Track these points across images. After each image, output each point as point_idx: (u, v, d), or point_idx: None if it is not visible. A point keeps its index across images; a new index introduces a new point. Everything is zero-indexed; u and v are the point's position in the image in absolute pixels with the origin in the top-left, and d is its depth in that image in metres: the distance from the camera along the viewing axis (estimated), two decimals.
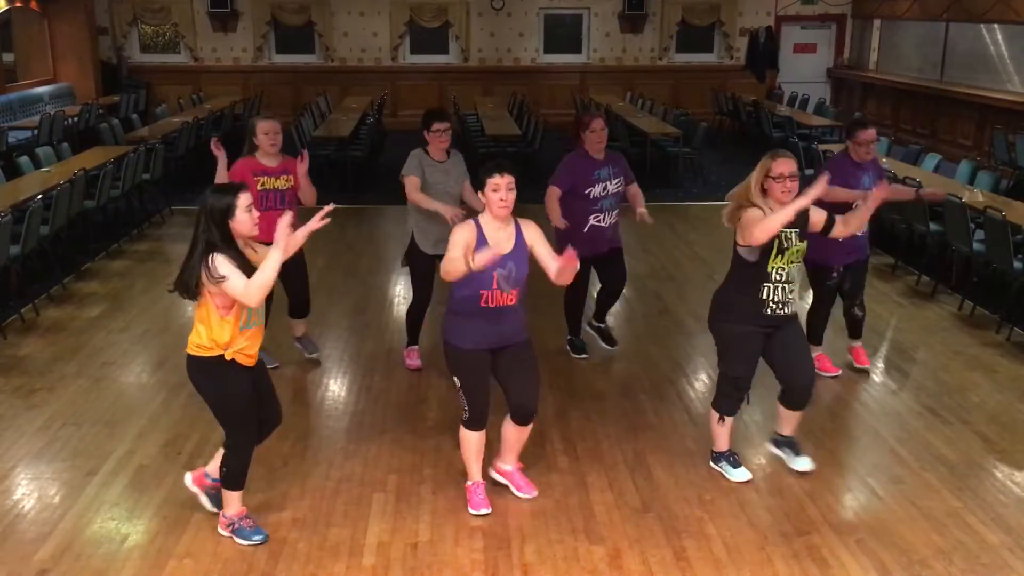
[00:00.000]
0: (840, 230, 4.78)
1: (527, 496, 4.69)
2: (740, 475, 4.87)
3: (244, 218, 3.97)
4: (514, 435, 4.64)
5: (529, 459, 5.09)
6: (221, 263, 3.88)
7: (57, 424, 5.53)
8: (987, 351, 6.76)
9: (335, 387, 6.21)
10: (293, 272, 5.70)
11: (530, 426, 4.62)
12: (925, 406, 5.83)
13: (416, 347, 6.44)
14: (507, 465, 4.77)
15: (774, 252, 4.52)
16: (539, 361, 6.46)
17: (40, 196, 8.12)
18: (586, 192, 6.02)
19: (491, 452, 4.77)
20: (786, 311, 4.64)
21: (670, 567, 4.16)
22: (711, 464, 4.98)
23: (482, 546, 4.31)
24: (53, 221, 8.15)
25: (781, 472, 4.99)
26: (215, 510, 4.46)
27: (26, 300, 7.54)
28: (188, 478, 4.58)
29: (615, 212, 6.17)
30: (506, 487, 4.76)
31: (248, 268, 3.97)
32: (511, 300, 4.36)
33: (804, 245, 4.61)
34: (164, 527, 4.44)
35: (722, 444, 4.94)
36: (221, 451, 4.34)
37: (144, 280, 8.48)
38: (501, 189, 4.24)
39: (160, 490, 4.77)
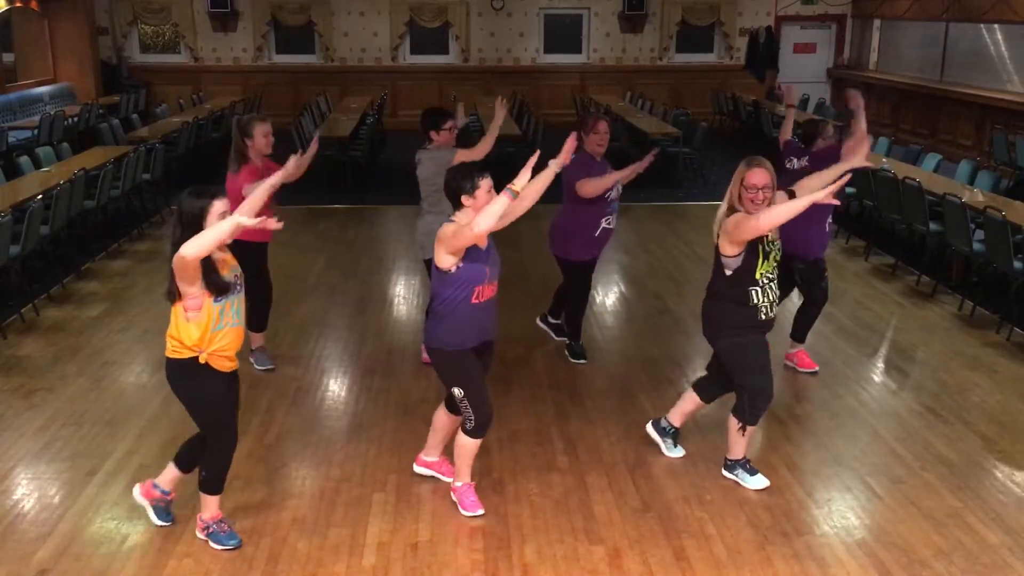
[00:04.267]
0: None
1: (450, 481, 4.68)
2: (758, 482, 4.80)
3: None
4: (449, 426, 4.71)
5: (529, 459, 5.11)
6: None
7: (57, 424, 5.53)
8: (987, 351, 6.76)
9: (335, 387, 6.21)
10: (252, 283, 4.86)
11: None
12: (925, 406, 5.83)
13: None
14: (433, 456, 4.86)
15: (760, 259, 4.51)
16: (538, 361, 6.54)
17: (40, 196, 8.12)
18: (604, 194, 6.01)
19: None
20: (774, 312, 4.66)
21: (670, 567, 4.16)
22: (724, 473, 4.90)
23: (482, 546, 4.31)
24: (53, 221, 8.15)
25: (781, 472, 4.99)
26: (161, 523, 4.41)
27: (26, 300, 7.54)
28: (136, 490, 4.49)
29: (610, 218, 6.13)
30: (496, 487, 4.76)
31: (211, 270, 3.93)
32: (495, 292, 4.43)
33: (779, 243, 4.65)
34: (164, 527, 4.44)
35: (739, 451, 4.86)
36: (171, 464, 4.38)
37: (144, 280, 8.48)
38: (492, 190, 4.29)
39: None
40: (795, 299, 6.52)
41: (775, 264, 4.61)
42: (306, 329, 7.14)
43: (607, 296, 8.05)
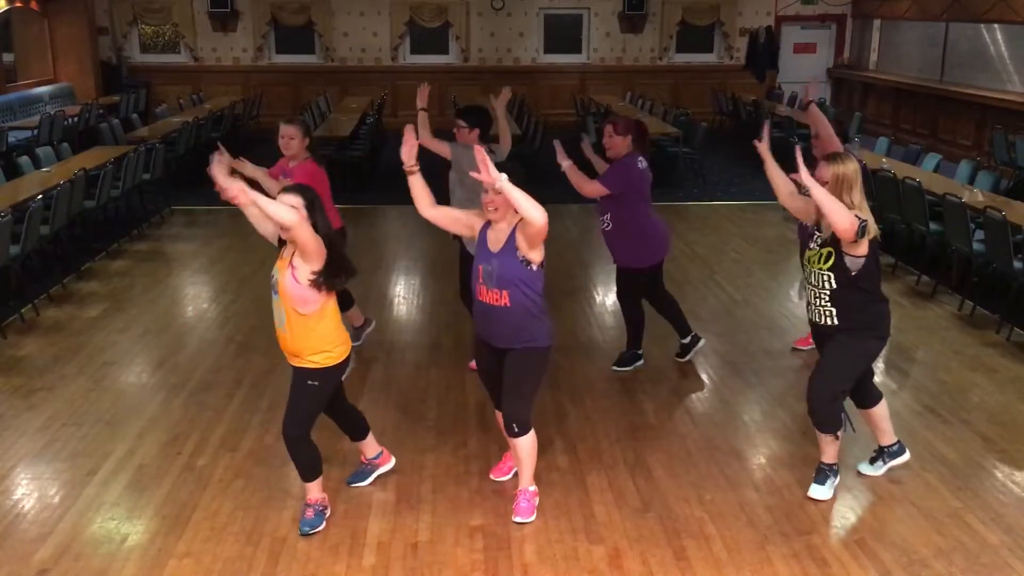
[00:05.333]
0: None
1: (517, 520, 4.49)
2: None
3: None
4: (510, 447, 4.57)
5: None
6: None
7: (57, 424, 5.53)
8: (987, 351, 6.76)
9: None
10: None
11: (519, 441, 4.43)
12: (925, 406, 5.83)
13: None
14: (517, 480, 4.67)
15: (801, 250, 4.59)
16: None
17: (40, 196, 8.12)
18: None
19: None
20: (811, 316, 4.56)
21: (670, 567, 4.16)
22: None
23: (482, 546, 4.31)
24: (53, 221, 8.15)
25: (781, 472, 5.00)
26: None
27: (26, 300, 7.54)
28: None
29: (601, 219, 6.04)
30: (496, 487, 4.77)
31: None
32: (499, 301, 4.23)
33: (825, 252, 4.38)
34: (164, 527, 4.44)
35: (886, 437, 4.89)
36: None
37: (144, 280, 8.48)
38: (490, 191, 4.19)
39: (160, 490, 4.77)
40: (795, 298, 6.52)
41: (815, 272, 4.43)
42: None
43: (607, 296, 8.04)
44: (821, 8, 18.71)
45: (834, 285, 4.41)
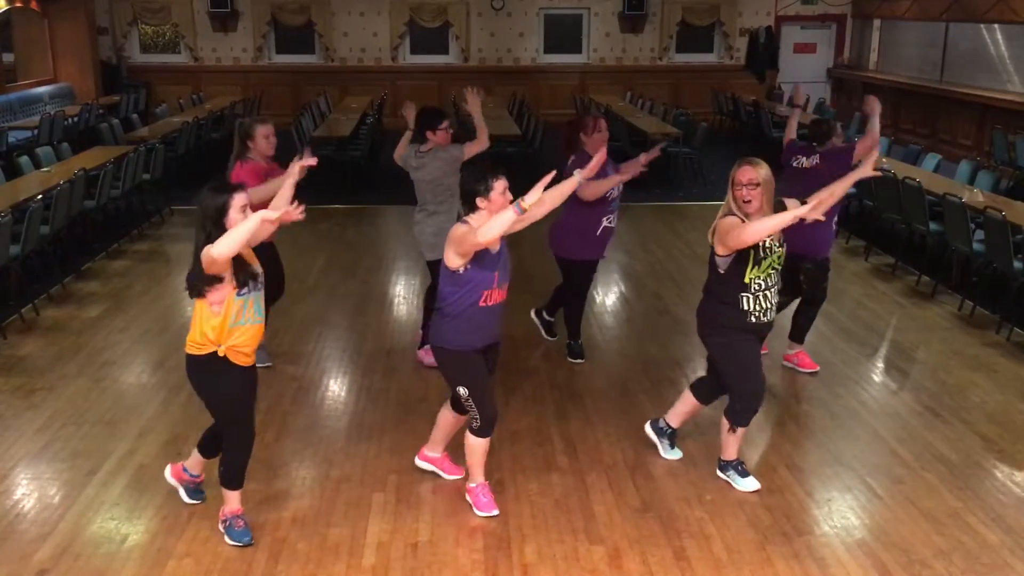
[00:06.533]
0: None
1: (455, 478, 4.82)
2: (748, 484, 4.78)
3: (238, 218, 3.90)
4: (453, 424, 4.77)
5: (529, 459, 5.11)
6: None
7: (57, 424, 5.53)
8: (987, 351, 6.76)
9: (335, 387, 6.21)
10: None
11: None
12: (925, 406, 5.83)
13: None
14: (436, 452, 4.89)
15: (750, 263, 4.49)
16: (538, 361, 6.55)
17: (40, 196, 8.12)
18: (606, 194, 5.99)
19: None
20: (770, 318, 4.62)
21: (670, 567, 4.16)
22: (718, 473, 4.90)
23: (482, 546, 4.31)
24: (53, 221, 8.15)
25: (781, 472, 5.00)
26: (191, 501, 4.60)
27: (26, 300, 7.54)
28: (167, 471, 4.69)
29: (614, 214, 6.16)
30: (496, 487, 4.77)
31: (242, 262, 3.99)
32: (503, 296, 4.40)
33: (783, 250, 4.61)
34: (164, 527, 4.44)
35: (731, 453, 4.85)
36: (196, 450, 4.51)
37: (144, 280, 8.48)
38: (507, 191, 4.26)
39: (160, 490, 4.77)
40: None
41: (773, 271, 4.56)
42: (306, 328, 7.15)
43: (607, 296, 8.05)
44: (821, 8, 18.71)
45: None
